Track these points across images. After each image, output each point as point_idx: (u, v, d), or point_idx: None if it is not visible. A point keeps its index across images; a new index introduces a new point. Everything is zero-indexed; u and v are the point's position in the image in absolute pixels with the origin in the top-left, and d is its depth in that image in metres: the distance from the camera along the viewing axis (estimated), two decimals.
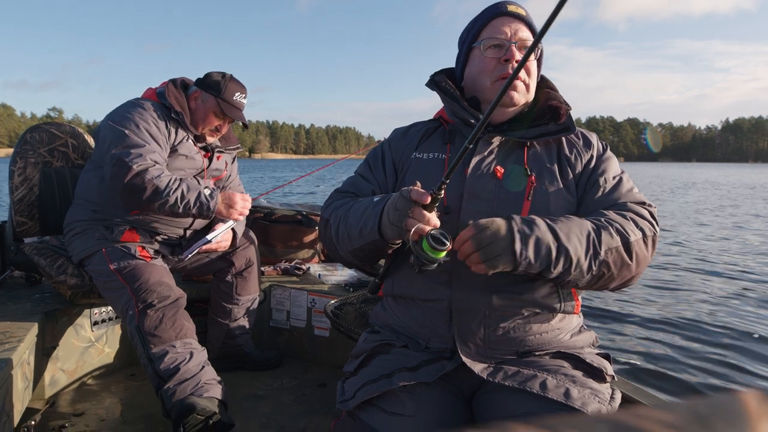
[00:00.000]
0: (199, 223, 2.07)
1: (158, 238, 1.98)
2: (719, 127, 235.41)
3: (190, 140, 2.01)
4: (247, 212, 2.05)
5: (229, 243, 2.11)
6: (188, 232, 2.06)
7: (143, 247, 1.90)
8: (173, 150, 1.95)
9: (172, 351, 1.70)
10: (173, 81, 2.05)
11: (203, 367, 1.73)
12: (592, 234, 1.02)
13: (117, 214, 1.91)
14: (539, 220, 1.01)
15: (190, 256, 2.01)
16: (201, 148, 2.07)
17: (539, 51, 1.23)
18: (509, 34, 1.17)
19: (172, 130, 1.95)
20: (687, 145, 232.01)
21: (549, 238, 0.99)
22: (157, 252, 1.96)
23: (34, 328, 1.73)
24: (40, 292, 2.13)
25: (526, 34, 1.19)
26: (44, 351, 1.91)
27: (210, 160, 2.10)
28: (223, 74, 2.04)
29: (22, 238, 2.13)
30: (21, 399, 1.60)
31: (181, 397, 1.62)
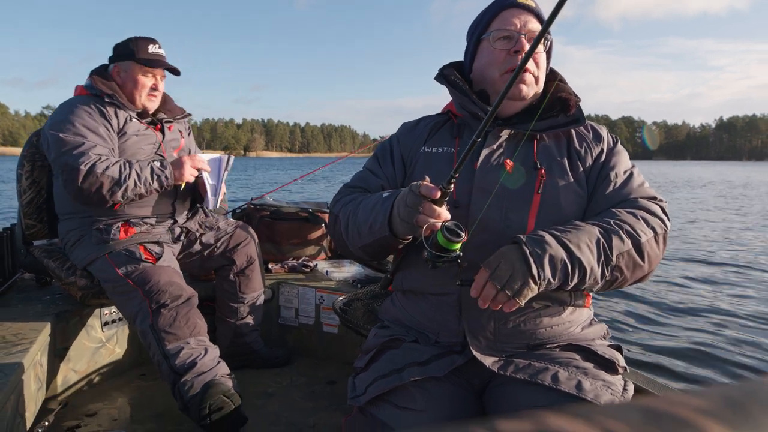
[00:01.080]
0: (183, 195, 2.05)
1: (151, 221, 1.96)
2: (713, 126, 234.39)
3: (134, 119, 1.99)
4: (199, 165, 1.99)
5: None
6: (177, 207, 2.05)
7: (146, 248, 1.89)
8: (122, 134, 1.94)
9: (187, 347, 1.72)
10: (95, 70, 2.04)
11: (219, 362, 1.76)
12: (602, 240, 1.01)
13: (104, 213, 1.90)
14: (548, 236, 0.99)
15: (213, 200, 2.01)
16: (149, 123, 2.05)
17: (549, 43, 1.21)
18: (519, 26, 1.16)
19: (112, 115, 1.93)
20: (681, 143, 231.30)
21: (561, 252, 0.97)
22: (160, 246, 1.94)
23: (46, 330, 1.75)
24: (51, 294, 2.15)
25: (535, 26, 1.17)
26: (56, 352, 1.92)
27: (162, 132, 2.08)
28: (128, 39, 2.03)
29: (31, 240, 2.15)
30: (34, 400, 1.62)
31: (202, 384, 1.65)
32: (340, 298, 1.89)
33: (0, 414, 1.27)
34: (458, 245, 0.92)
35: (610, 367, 1.08)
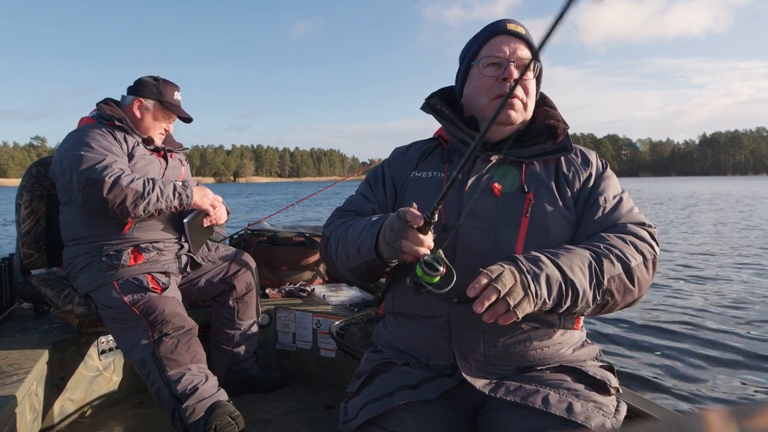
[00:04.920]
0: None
1: (159, 246, 1.99)
2: (697, 142, 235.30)
3: (140, 144, 2.06)
4: (218, 204, 2.11)
5: (225, 217, 2.21)
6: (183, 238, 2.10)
7: (153, 277, 1.91)
8: (131, 157, 2.00)
9: (188, 373, 1.74)
10: (101, 102, 2.11)
11: (219, 389, 1.77)
12: (594, 263, 1.02)
13: (112, 237, 1.92)
14: (543, 257, 1.00)
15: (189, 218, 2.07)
16: (152, 150, 2.11)
17: (538, 69, 1.23)
18: (508, 53, 1.17)
19: (122, 139, 1.99)
20: (666, 160, 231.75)
21: (556, 273, 0.98)
22: (167, 276, 1.96)
23: (43, 359, 1.75)
24: (48, 323, 2.15)
25: (525, 53, 1.18)
26: (53, 381, 1.92)
27: (165, 160, 2.14)
28: (155, 77, 2.12)
29: (29, 270, 2.16)
30: (30, 431, 1.61)
31: (205, 408, 1.67)
32: (337, 323, 1.90)
33: None
34: (436, 279, 0.92)
35: (601, 388, 1.08)
